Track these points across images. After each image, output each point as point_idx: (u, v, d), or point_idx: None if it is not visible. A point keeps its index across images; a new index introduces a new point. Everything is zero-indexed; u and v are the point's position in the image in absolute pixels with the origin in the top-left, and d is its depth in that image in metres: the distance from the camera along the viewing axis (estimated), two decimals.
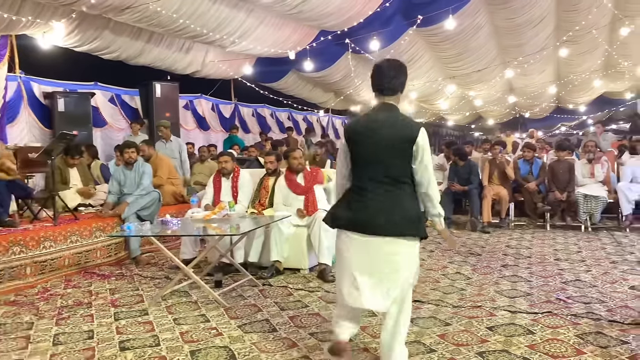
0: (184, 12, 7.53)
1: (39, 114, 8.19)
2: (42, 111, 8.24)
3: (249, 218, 4.71)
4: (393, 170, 2.53)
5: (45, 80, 8.47)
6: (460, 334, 3.20)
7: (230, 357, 2.89)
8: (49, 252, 4.70)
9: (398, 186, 2.53)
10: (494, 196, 7.17)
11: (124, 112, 9.80)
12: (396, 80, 2.59)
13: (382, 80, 2.59)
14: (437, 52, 12.35)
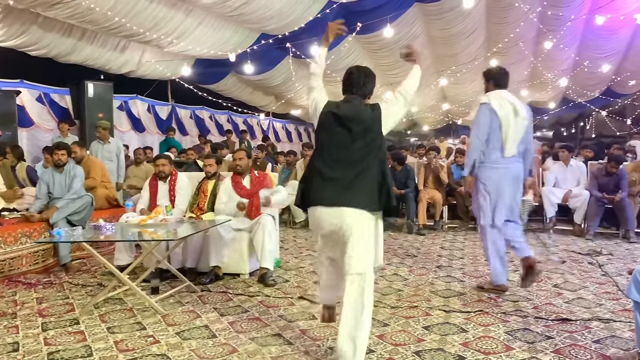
0: (119, 10, 7.30)
1: None
2: None
3: (187, 223, 4.60)
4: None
5: None
6: (398, 334, 3.29)
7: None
8: None
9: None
10: (429, 200, 7.42)
11: (53, 112, 9.34)
12: (365, 88, 2.92)
13: (353, 87, 2.90)
14: (375, 59, 12.63)
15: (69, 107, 9.54)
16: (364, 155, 2.77)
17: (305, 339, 3.21)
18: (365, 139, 2.78)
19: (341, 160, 2.79)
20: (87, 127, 8.98)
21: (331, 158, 2.81)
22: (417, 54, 3.12)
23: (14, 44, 7.79)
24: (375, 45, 11.69)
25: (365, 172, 2.75)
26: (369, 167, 2.76)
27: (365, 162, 2.77)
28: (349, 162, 2.77)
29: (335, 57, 11.21)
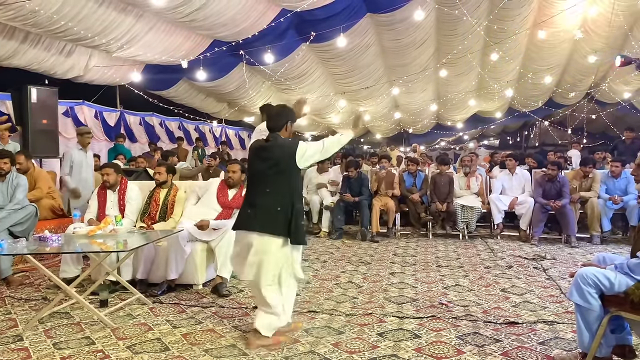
0: (65, 13, 7.05)
1: None
2: None
3: (137, 233, 4.49)
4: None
5: None
6: (353, 341, 3.32)
7: None
8: None
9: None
10: (382, 207, 7.54)
11: None
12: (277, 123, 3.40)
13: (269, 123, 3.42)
14: (329, 68, 12.75)
15: (10, 113, 9.10)
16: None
17: (259, 349, 3.19)
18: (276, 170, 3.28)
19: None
20: (30, 133, 8.58)
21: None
22: (357, 125, 3.50)
23: None
24: (329, 54, 11.80)
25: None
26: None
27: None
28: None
29: (289, 65, 11.24)
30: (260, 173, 3.33)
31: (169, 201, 5.12)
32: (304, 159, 3.29)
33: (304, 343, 3.30)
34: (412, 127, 20.40)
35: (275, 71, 11.25)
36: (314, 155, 3.34)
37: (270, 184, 3.28)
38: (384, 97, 15.17)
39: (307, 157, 3.30)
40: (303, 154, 3.27)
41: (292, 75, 12.12)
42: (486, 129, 21.48)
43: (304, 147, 3.28)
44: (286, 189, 3.27)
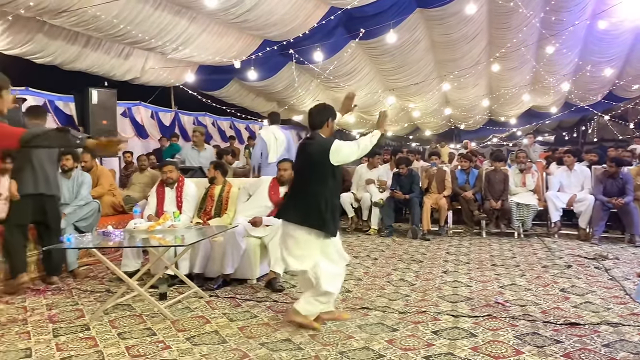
0: (124, 17, 7.35)
1: None
2: None
3: (194, 229, 4.63)
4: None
5: None
6: (407, 338, 3.30)
7: None
8: None
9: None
10: (433, 205, 7.43)
11: (57, 119, 9.36)
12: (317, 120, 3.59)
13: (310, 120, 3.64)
14: (377, 65, 12.70)
15: (73, 114, 9.58)
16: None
17: (314, 344, 3.22)
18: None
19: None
20: (91, 133, 9.01)
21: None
22: (383, 123, 3.65)
23: (20, 52, 7.84)
24: (377, 51, 11.75)
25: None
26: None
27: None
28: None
29: (338, 63, 11.27)
30: (299, 168, 3.64)
31: (224, 198, 5.26)
32: (339, 157, 3.43)
33: (357, 339, 3.31)
34: (463, 123, 19.99)
35: (324, 69, 11.30)
36: (349, 154, 3.47)
37: (306, 178, 3.51)
38: (434, 93, 14.95)
39: (343, 155, 3.44)
40: (337, 152, 3.41)
41: (341, 72, 12.14)
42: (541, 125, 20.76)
43: (338, 146, 3.43)
44: (320, 184, 3.45)
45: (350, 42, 10.73)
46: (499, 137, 23.79)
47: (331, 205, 3.47)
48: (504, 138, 23.79)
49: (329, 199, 3.46)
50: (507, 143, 23.81)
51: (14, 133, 2.38)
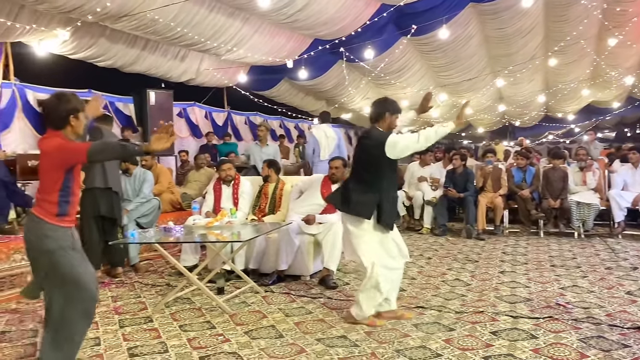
0: (180, 20, 7.57)
1: (33, 121, 8.12)
2: (36, 118, 8.18)
3: (250, 225, 4.73)
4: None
5: (40, 87, 8.42)
6: (465, 338, 3.25)
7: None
8: None
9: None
10: (488, 204, 7.26)
11: (117, 119, 9.75)
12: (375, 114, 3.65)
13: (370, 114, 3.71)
14: (428, 61, 12.51)
15: (132, 115, 9.97)
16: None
17: (371, 342, 3.23)
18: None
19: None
20: (149, 133, 9.38)
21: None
22: (463, 116, 3.62)
23: (84, 55, 8.22)
24: (429, 47, 11.57)
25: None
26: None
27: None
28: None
29: (389, 60, 11.19)
30: (356, 160, 3.67)
31: (277, 195, 5.35)
32: (395, 150, 3.42)
33: (414, 337, 3.29)
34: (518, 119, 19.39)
35: (374, 66, 11.25)
36: (407, 146, 3.44)
37: (362, 171, 3.58)
38: (488, 89, 14.57)
39: (399, 148, 3.42)
40: (393, 145, 3.40)
41: (391, 69, 12.04)
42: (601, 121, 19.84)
43: (394, 139, 3.42)
44: (376, 176, 3.50)
45: (401, 38, 10.63)
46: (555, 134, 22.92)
47: (387, 198, 3.51)
48: (560, 135, 22.90)
49: (384, 192, 3.49)
50: (563, 140, 22.91)
51: (82, 149, 2.56)
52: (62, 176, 2.59)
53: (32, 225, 2.64)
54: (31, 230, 2.64)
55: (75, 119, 2.64)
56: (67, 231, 2.67)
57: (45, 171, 2.62)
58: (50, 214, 2.59)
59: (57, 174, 2.59)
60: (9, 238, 4.64)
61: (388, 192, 3.54)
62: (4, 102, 7.63)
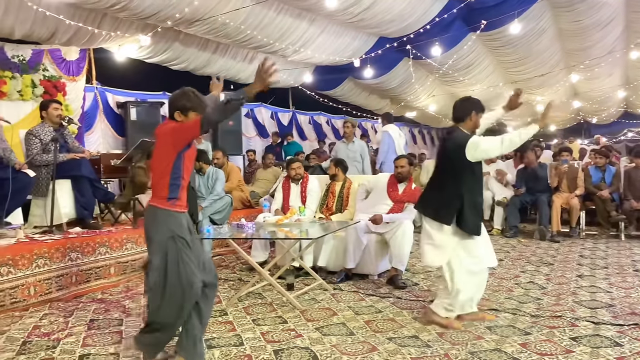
0: (249, 23, 7.78)
1: (113, 122, 8.64)
2: (115, 120, 8.68)
3: (318, 223, 4.79)
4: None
5: (119, 90, 8.93)
6: (543, 343, 3.14)
7: (313, 358, 2.96)
8: (130, 254, 4.97)
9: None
10: (564, 204, 6.94)
11: None
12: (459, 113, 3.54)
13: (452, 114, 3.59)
14: (498, 57, 12.14)
15: None
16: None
17: (443, 343, 3.18)
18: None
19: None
20: (219, 133, 9.71)
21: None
22: (547, 116, 3.58)
23: (159, 59, 8.63)
24: (498, 42, 11.22)
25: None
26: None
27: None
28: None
29: (457, 57, 10.96)
30: (438, 162, 3.62)
31: (344, 194, 5.38)
32: (476, 153, 3.33)
33: (488, 340, 3.21)
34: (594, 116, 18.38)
35: (442, 63, 11.04)
36: (489, 149, 3.38)
37: (443, 173, 3.52)
38: (561, 85, 13.92)
39: (480, 151, 3.34)
40: (475, 148, 3.32)
41: (459, 66, 11.79)
42: None
43: (476, 142, 3.33)
44: (455, 179, 3.41)
45: (469, 34, 10.38)
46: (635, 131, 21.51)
47: (469, 201, 3.39)
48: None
49: (465, 195, 3.38)
50: None
51: (195, 122, 2.64)
52: (174, 158, 2.69)
53: (147, 214, 2.78)
54: (146, 218, 2.78)
55: (184, 115, 2.73)
56: (180, 217, 2.77)
57: (158, 154, 2.73)
58: (162, 198, 2.71)
59: (169, 155, 2.68)
60: (95, 232, 4.95)
61: (470, 197, 3.40)
62: (87, 104, 8.14)
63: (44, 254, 4.20)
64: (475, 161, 3.38)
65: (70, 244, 4.44)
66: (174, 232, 2.70)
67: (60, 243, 4.40)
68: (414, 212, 4.86)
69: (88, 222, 5.11)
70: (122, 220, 5.67)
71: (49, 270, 4.21)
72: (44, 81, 6.90)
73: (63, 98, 6.89)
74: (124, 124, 8.55)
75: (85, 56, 7.87)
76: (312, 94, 12.66)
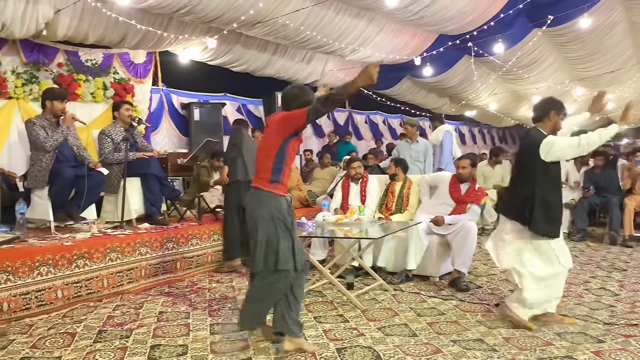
0: (309, 24, 7.84)
1: (177, 122, 8.95)
2: (180, 120, 8.99)
3: (378, 223, 4.76)
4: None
5: (183, 92, 9.24)
6: (618, 352, 2.99)
7: (376, 358, 2.95)
8: (195, 249, 5.13)
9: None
10: (637, 208, 6.56)
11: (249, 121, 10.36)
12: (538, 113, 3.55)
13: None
14: (564, 53, 11.61)
15: (261, 116, 10.54)
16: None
17: (510, 347, 3.10)
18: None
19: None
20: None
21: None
22: (628, 116, 3.34)
23: (221, 61, 8.85)
24: (565, 38, 10.73)
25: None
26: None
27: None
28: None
29: (520, 54, 10.60)
30: (515, 162, 3.72)
31: (404, 194, 5.32)
32: (550, 153, 3.30)
33: (557, 347, 3.09)
34: None
35: (505, 61, 10.71)
36: (565, 150, 3.33)
37: (518, 172, 3.58)
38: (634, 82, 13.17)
39: (555, 151, 3.29)
40: (549, 148, 3.29)
41: (522, 63, 11.37)
42: None
43: (551, 142, 3.30)
44: (528, 179, 3.39)
45: (534, 30, 10.00)
46: None
47: (541, 202, 3.33)
48: None
49: (538, 196, 3.33)
50: None
51: (302, 112, 2.83)
52: (280, 143, 2.90)
53: (250, 196, 2.99)
54: (250, 200, 2.99)
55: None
56: (281, 199, 2.96)
57: (266, 140, 2.98)
58: (265, 180, 2.92)
59: (276, 141, 2.90)
60: (162, 228, 5.14)
61: (543, 198, 3.34)
62: (154, 105, 8.48)
63: (115, 248, 4.41)
64: (550, 161, 3.33)
65: (139, 239, 4.64)
66: (274, 213, 2.88)
67: (130, 238, 4.61)
68: (477, 213, 4.76)
69: (156, 218, 5.32)
70: (187, 216, 5.85)
71: (120, 263, 4.42)
72: (114, 83, 7.24)
73: (131, 99, 7.20)
74: (188, 124, 8.84)
75: (151, 59, 8.19)
76: (369, 93, 12.59)
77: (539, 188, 3.35)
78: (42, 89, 6.04)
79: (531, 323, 3.42)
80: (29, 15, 5.63)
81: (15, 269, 3.71)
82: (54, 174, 4.68)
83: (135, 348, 3.13)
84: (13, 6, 5.46)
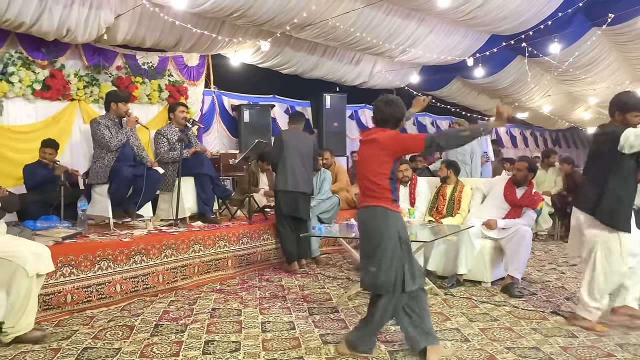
0: (359, 25, 7.83)
1: (228, 124, 9.13)
2: (230, 122, 9.18)
3: (428, 227, 4.71)
4: None
5: (233, 94, 9.42)
6: None
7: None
8: (245, 248, 5.24)
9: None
10: None
11: None
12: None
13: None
14: (624, 53, 11.11)
15: (309, 118, 10.60)
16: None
17: (567, 356, 2.99)
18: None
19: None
20: (324, 134, 9.92)
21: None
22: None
23: (270, 64, 8.98)
24: (626, 37, 10.26)
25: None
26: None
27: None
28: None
29: (577, 54, 10.23)
30: (588, 157, 3.73)
31: (456, 197, 5.23)
32: (628, 144, 3.28)
33: (619, 358, 2.96)
34: None
35: (561, 61, 10.35)
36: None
37: (593, 167, 3.57)
38: None
39: (630, 142, 3.27)
40: (625, 138, 3.27)
41: (579, 64, 10.97)
42: None
43: (629, 133, 3.28)
44: (604, 173, 3.40)
45: (592, 29, 9.63)
46: None
47: (611, 194, 3.35)
48: None
49: (613, 189, 3.35)
50: None
51: (420, 139, 2.83)
52: (392, 164, 2.89)
53: (376, 214, 2.90)
54: (375, 218, 2.90)
55: (395, 126, 2.96)
56: (402, 218, 3.00)
57: (374, 157, 2.89)
58: (388, 200, 2.90)
59: (387, 160, 2.86)
60: (215, 226, 5.27)
61: (614, 190, 3.35)
62: (206, 107, 8.69)
63: (171, 245, 4.55)
64: (624, 153, 3.31)
65: (193, 237, 4.77)
66: (401, 234, 2.88)
67: (185, 235, 4.74)
68: (533, 218, 4.63)
69: (208, 216, 5.45)
70: (238, 216, 5.97)
71: (175, 260, 4.56)
72: (169, 86, 7.47)
73: (185, 101, 7.41)
74: (238, 125, 9.01)
75: (204, 62, 8.41)
76: (419, 94, 12.46)
77: (616, 182, 3.36)
78: (102, 91, 6.33)
79: (601, 326, 3.44)
80: (92, 21, 5.90)
81: (78, 263, 3.89)
82: (113, 172, 4.88)
83: (190, 342, 3.22)
84: (77, 12, 5.73)
